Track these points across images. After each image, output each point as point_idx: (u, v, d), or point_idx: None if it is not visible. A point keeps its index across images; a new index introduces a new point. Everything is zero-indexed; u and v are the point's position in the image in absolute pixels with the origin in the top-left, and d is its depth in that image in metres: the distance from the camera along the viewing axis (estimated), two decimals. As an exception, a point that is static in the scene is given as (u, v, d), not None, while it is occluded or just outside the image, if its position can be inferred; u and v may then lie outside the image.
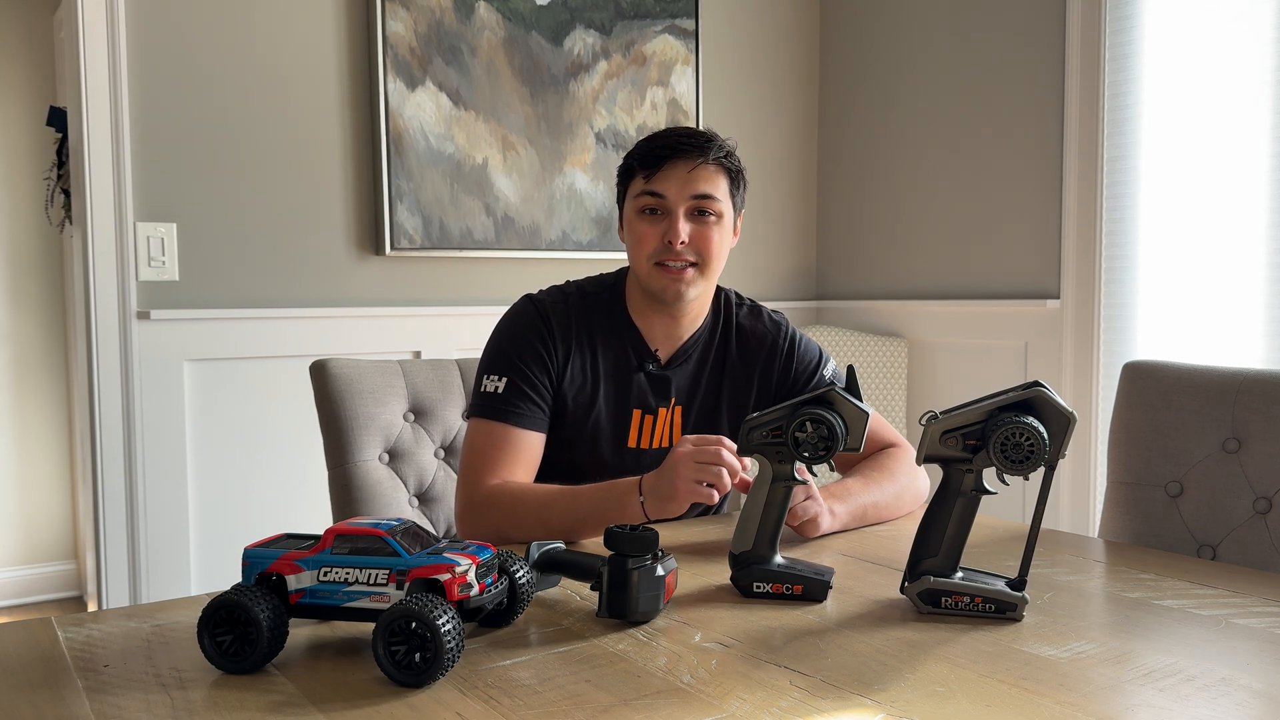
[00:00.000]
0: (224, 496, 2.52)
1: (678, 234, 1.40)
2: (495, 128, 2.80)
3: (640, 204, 1.43)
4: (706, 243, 1.42)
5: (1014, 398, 1.00)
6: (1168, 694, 0.81)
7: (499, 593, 0.90)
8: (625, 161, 1.47)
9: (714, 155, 1.41)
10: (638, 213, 1.44)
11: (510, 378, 1.42)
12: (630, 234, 1.46)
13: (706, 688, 0.82)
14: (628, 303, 1.51)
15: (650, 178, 1.41)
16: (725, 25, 3.25)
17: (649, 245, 1.42)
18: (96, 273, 2.37)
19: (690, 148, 1.40)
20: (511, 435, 1.40)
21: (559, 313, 1.47)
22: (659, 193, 1.41)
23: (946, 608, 1.01)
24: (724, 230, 1.44)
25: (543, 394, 1.43)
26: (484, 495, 1.36)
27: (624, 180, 1.48)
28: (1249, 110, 2.37)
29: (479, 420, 1.42)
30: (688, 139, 1.41)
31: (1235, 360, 2.39)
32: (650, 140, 1.44)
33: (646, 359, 1.49)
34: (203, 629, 0.84)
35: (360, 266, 2.68)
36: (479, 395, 1.44)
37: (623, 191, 1.48)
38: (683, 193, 1.40)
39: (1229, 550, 1.41)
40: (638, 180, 1.44)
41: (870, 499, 1.40)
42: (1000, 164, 2.93)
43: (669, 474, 1.21)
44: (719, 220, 1.43)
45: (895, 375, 3.14)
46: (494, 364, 1.44)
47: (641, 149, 1.44)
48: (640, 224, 1.43)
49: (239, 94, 2.50)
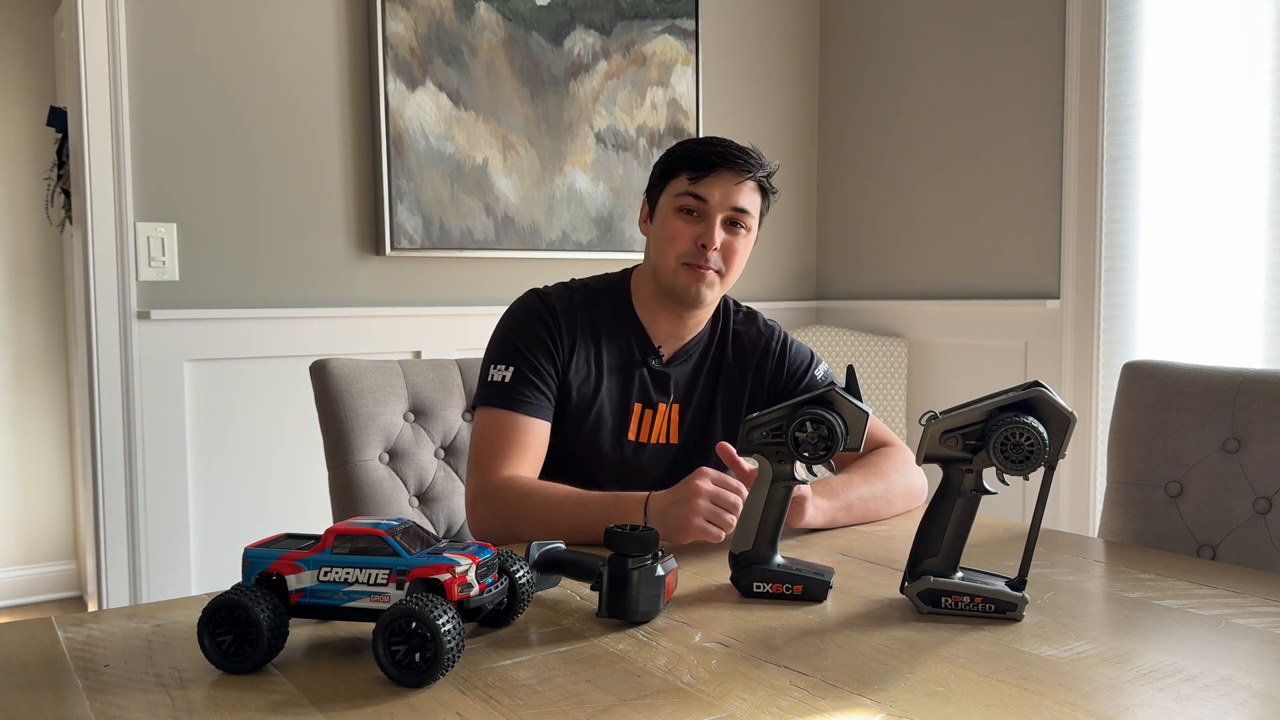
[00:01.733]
0: (224, 496, 2.52)
1: (713, 240, 1.43)
2: (495, 128, 2.80)
3: (681, 203, 1.45)
4: (733, 254, 1.46)
5: (1014, 398, 1.00)
6: (1168, 694, 0.81)
7: (499, 593, 0.90)
8: (670, 159, 1.48)
9: (759, 174, 1.45)
10: (675, 210, 1.46)
11: (517, 366, 1.44)
12: (663, 229, 1.47)
13: (706, 688, 0.82)
14: (634, 299, 1.53)
15: (696, 181, 1.43)
16: (725, 25, 3.25)
17: (681, 244, 1.44)
18: (96, 273, 2.37)
19: (740, 162, 1.43)
20: (519, 423, 1.42)
21: (565, 306, 1.49)
22: (703, 197, 1.43)
23: (946, 608, 1.01)
24: (749, 243, 1.49)
25: (549, 383, 1.45)
26: (494, 486, 1.37)
27: (665, 176, 1.48)
28: (1249, 110, 2.37)
29: (487, 409, 1.43)
30: (740, 153, 1.44)
31: (1235, 360, 2.39)
32: (702, 144, 1.46)
33: (650, 354, 1.51)
34: (203, 629, 0.84)
35: (360, 266, 2.68)
36: (486, 385, 1.45)
37: (660, 186, 1.49)
38: (724, 202, 1.43)
39: (1229, 550, 1.41)
40: (681, 180, 1.45)
41: (857, 494, 1.41)
42: (1000, 164, 2.93)
43: (684, 506, 1.21)
44: (748, 234, 1.47)
45: (895, 375, 3.14)
46: (500, 354, 1.46)
47: (692, 151, 1.45)
48: (676, 221, 1.45)
49: (239, 94, 2.50)
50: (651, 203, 1.51)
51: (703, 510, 1.19)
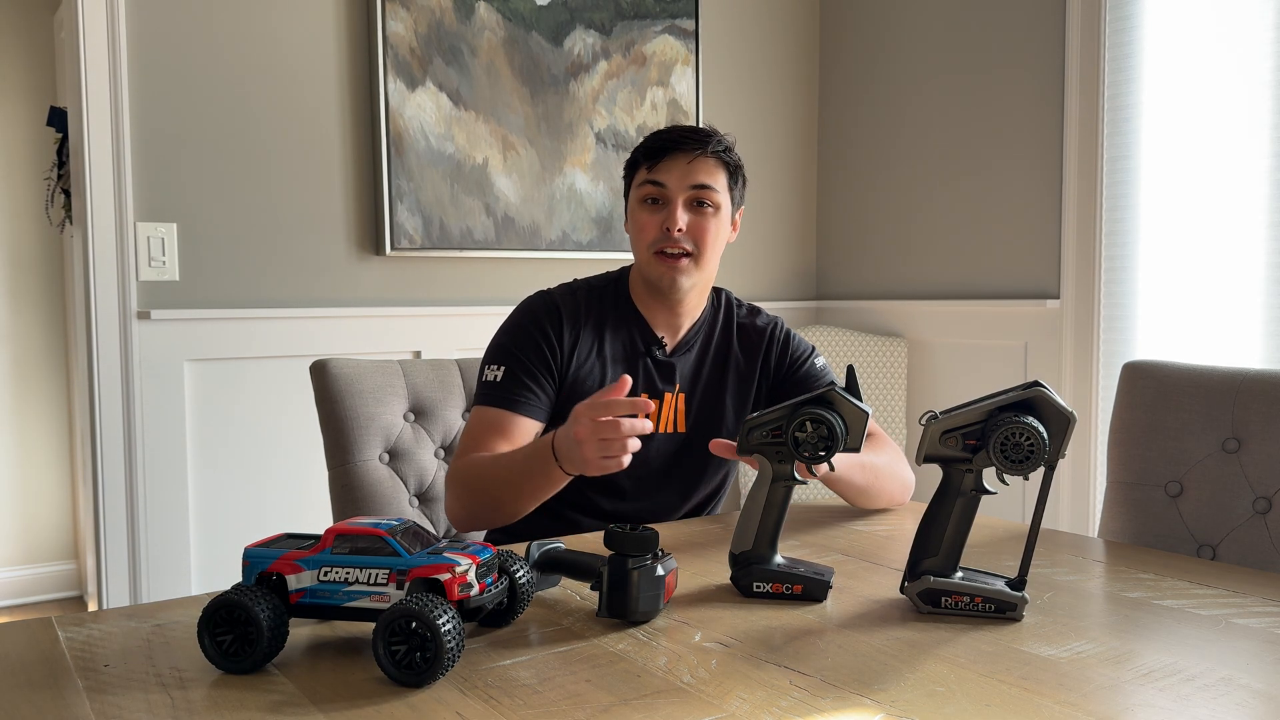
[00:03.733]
0: (224, 496, 2.52)
1: (675, 221, 1.46)
2: (495, 128, 2.80)
3: (643, 193, 1.50)
4: (703, 232, 1.48)
5: (1014, 398, 1.00)
6: (1168, 694, 0.81)
7: (499, 593, 0.90)
8: (631, 156, 1.55)
9: (712, 148, 1.48)
10: (640, 202, 1.51)
11: (509, 366, 1.47)
12: (633, 223, 1.53)
13: (706, 688, 0.82)
14: (632, 294, 1.57)
15: (652, 168, 1.49)
16: (725, 25, 3.25)
17: (649, 234, 1.49)
18: (97, 273, 2.37)
19: (690, 141, 1.48)
20: (505, 418, 1.44)
21: (567, 302, 1.53)
22: (660, 182, 1.48)
23: (946, 608, 1.01)
24: (720, 222, 1.51)
25: (542, 384, 1.48)
26: (455, 470, 1.41)
27: (629, 174, 1.55)
28: (1249, 110, 2.37)
29: (478, 408, 1.48)
30: (689, 133, 1.49)
31: (1235, 360, 2.39)
32: (654, 135, 1.52)
33: (653, 345, 1.54)
34: (203, 629, 0.84)
35: (360, 266, 2.68)
36: (480, 384, 1.49)
37: (628, 185, 1.56)
38: (682, 182, 1.47)
39: (1229, 550, 1.41)
40: (641, 171, 1.51)
41: (868, 458, 1.43)
42: (1000, 164, 2.93)
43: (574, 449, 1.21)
44: (716, 211, 1.49)
45: (895, 375, 3.14)
46: (495, 355, 1.50)
47: (645, 143, 1.52)
48: (642, 213, 1.50)
49: (239, 94, 2.50)
50: (627, 204, 1.57)
51: (594, 452, 1.18)
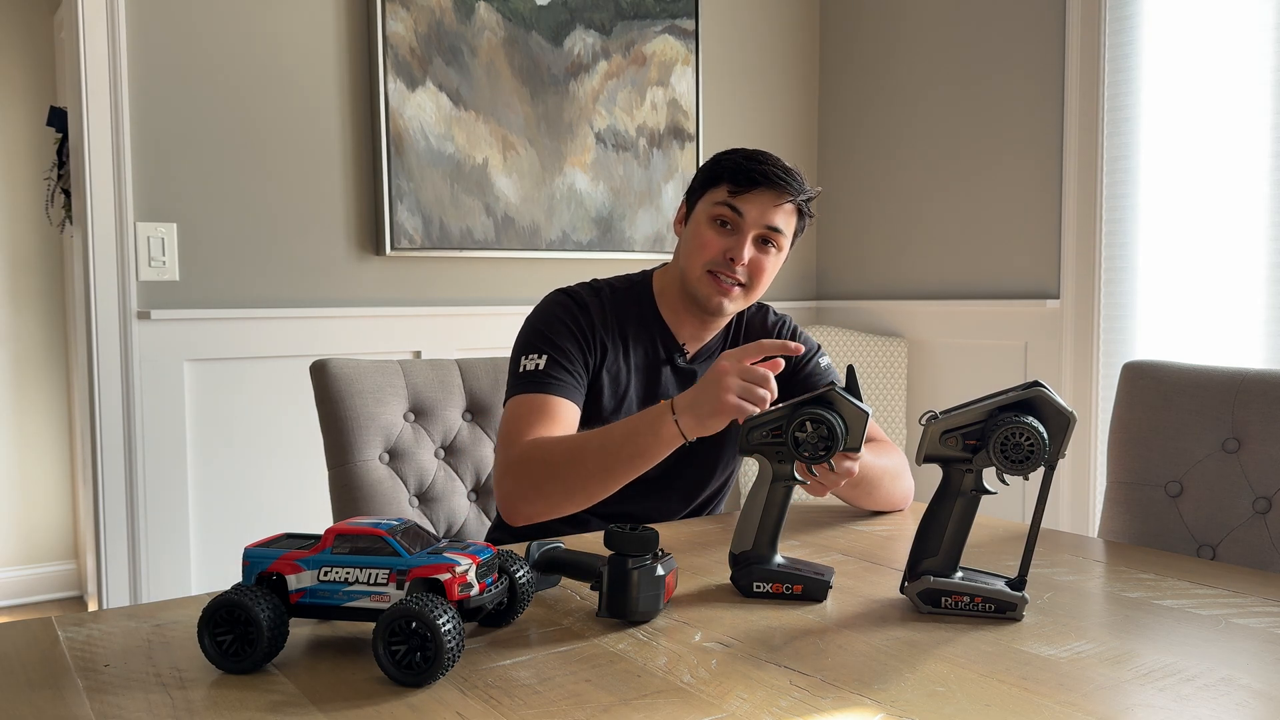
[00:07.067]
0: (224, 496, 2.52)
1: (742, 255, 1.44)
2: (495, 128, 2.80)
3: (717, 213, 1.46)
4: (761, 271, 1.47)
5: (1014, 398, 1.00)
6: (1168, 694, 0.81)
7: (499, 592, 0.90)
8: (714, 167, 1.48)
9: (799, 198, 1.45)
10: (709, 219, 1.47)
11: (550, 354, 1.44)
12: (694, 236, 1.48)
13: (706, 688, 0.82)
14: (657, 300, 1.55)
15: (736, 194, 1.44)
16: (725, 25, 3.25)
17: (710, 253, 1.45)
18: (97, 273, 2.37)
19: (783, 183, 1.43)
20: (551, 403, 1.41)
21: (595, 305, 1.51)
22: (740, 211, 1.44)
23: (946, 608, 1.01)
24: (779, 261, 1.49)
25: (581, 372, 1.46)
26: (519, 454, 1.36)
27: (707, 184, 1.49)
28: (1249, 111, 2.37)
29: (519, 397, 1.42)
30: (784, 173, 1.44)
31: (1235, 360, 2.39)
32: (748, 159, 1.45)
33: (675, 352, 1.54)
34: (203, 629, 0.84)
35: (360, 266, 2.68)
36: (518, 375, 1.44)
37: (700, 192, 1.50)
38: (760, 220, 1.44)
39: (1229, 550, 1.41)
40: (721, 190, 1.45)
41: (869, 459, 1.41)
42: (1000, 164, 2.93)
43: (713, 388, 1.20)
44: (778, 254, 1.48)
45: (895, 375, 3.14)
46: (531, 344, 1.46)
47: (737, 164, 1.45)
48: (709, 231, 1.46)
49: (239, 94, 2.50)
50: (690, 206, 1.52)
51: (734, 387, 1.18)
